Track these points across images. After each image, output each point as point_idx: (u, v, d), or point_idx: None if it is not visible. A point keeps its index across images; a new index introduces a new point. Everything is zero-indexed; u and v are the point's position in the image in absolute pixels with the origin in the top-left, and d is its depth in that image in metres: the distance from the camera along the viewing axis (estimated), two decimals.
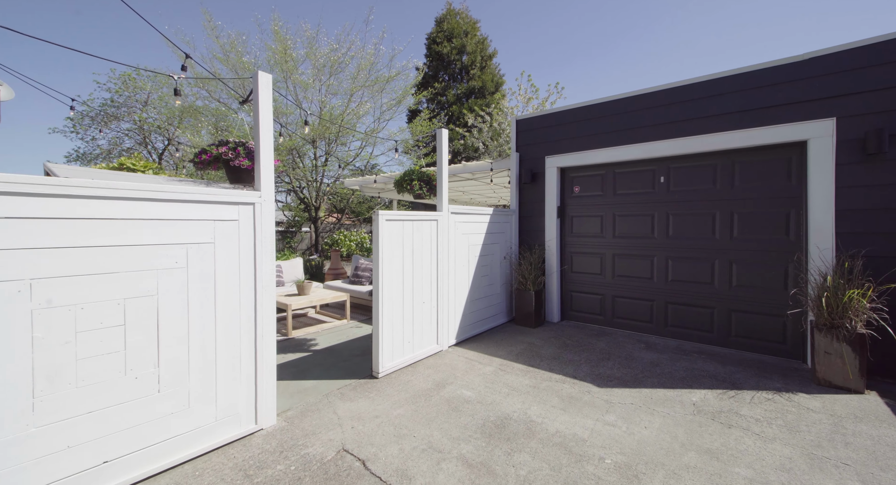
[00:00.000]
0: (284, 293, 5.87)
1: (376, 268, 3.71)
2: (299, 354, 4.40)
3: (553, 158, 5.56)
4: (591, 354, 4.21)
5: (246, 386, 2.68)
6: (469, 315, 4.88)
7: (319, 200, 15.10)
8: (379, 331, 3.70)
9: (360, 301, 6.39)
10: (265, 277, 2.77)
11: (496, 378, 3.61)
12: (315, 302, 5.48)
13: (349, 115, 13.43)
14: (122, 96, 18.59)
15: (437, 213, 4.36)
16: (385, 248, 3.76)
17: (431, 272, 4.30)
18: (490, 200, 13.39)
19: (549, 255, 5.58)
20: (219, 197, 2.53)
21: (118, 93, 18.18)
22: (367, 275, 6.73)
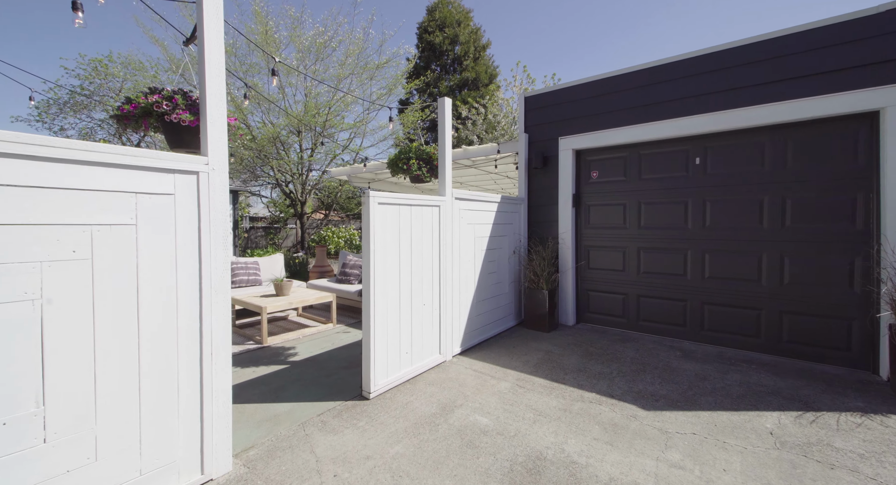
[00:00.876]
0: (260, 294, 5.11)
1: (367, 262, 2.99)
2: (274, 367, 3.66)
3: (567, 140, 4.90)
4: (623, 365, 3.56)
5: (187, 422, 1.95)
6: (475, 319, 4.20)
7: (305, 194, 14.26)
8: (371, 340, 2.99)
9: (349, 302, 5.66)
10: (216, 273, 2.04)
11: (516, 398, 2.93)
12: (296, 304, 4.73)
13: (336, 104, 12.63)
14: (94, 84, 17.39)
15: (440, 198, 3.66)
16: (378, 237, 3.05)
17: (433, 268, 3.60)
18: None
19: (563, 249, 4.92)
20: (142, 160, 1.79)
21: (88, 80, 16.99)
22: (356, 273, 6.00)
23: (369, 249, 2.98)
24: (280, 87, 11.82)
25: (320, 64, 12.59)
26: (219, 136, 2.06)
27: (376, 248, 3.03)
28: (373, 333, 3.00)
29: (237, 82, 11.46)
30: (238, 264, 5.77)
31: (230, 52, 10.91)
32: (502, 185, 9.00)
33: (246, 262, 5.90)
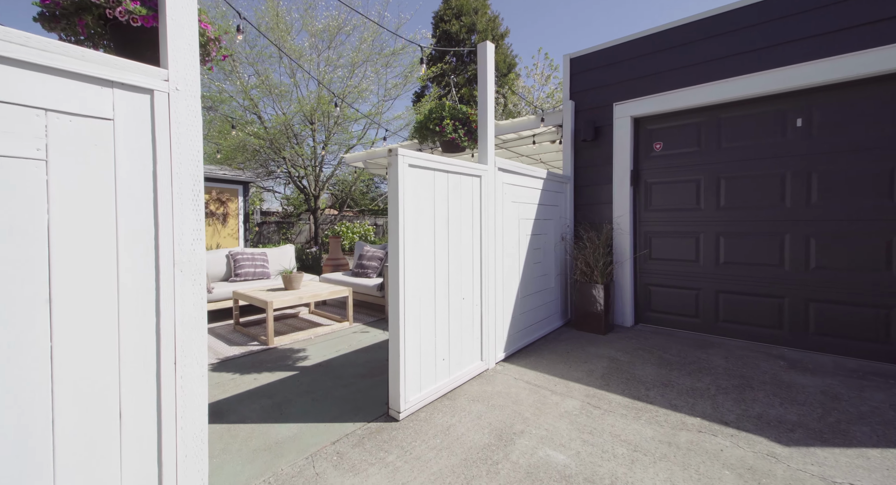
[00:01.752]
0: (267, 287, 4.48)
1: (396, 243, 2.30)
2: (279, 374, 3.01)
3: (625, 105, 4.13)
4: (717, 379, 2.78)
5: (134, 472, 1.29)
6: (520, 318, 3.47)
7: (319, 188, 13.73)
8: (400, 344, 2.30)
9: (367, 298, 5.00)
10: (182, 246, 1.37)
11: (593, 423, 2.19)
12: (306, 299, 4.08)
13: (351, 92, 12.03)
14: None
15: (480, 166, 2.95)
16: (409, 212, 2.36)
17: (473, 254, 2.89)
18: None
19: (619, 236, 4.15)
20: (57, 58, 1.12)
21: None
22: (373, 265, 5.33)
23: (398, 227, 2.28)
24: (291, 75, 11.27)
25: (333, 51, 12.03)
26: (186, 42, 1.39)
27: (406, 224, 2.33)
28: (402, 335, 2.30)
29: (248, 69, 10.97)
30: (244, 255, 5.17)
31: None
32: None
33: (252, 252, 5.30)
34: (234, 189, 10.14)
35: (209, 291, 4.45)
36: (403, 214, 2.31)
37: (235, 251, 5.19)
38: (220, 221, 9.81)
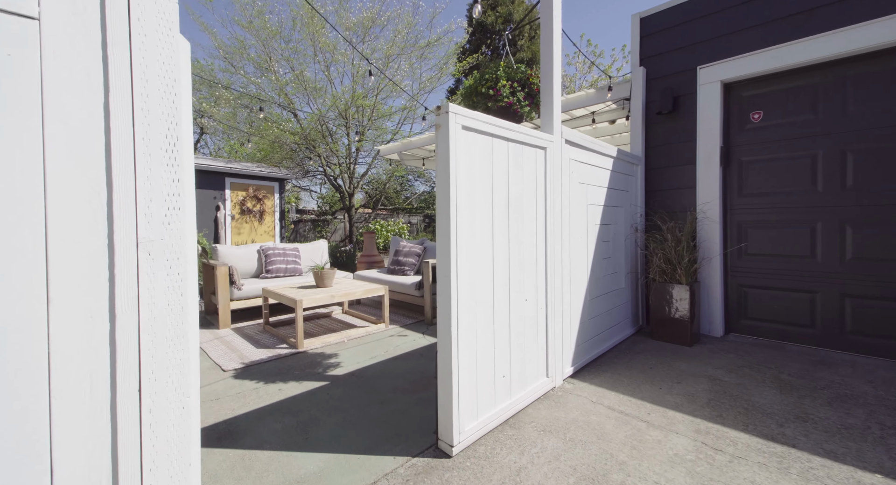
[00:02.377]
0: (297, 285, 4.14)
1: (447, 231, 1.80)
2: (307, 384, 2.59)
3: (713, 68, 3.41)
4: (875, 412, 2.06)
5: None
6: (588, 324, 2.87)
7: (353, 186, 13.60)
8: (453, 356, 1.79)
9: (404, 297, 4.55)
10: (153, 218, 0.93)
11: (722, 477, 1.58)
12: (339, 297, 3.68)
13: (385, 86, 11.74)
14: None
15: (545, 136, 2.39)
16: (462, 188, 1.85)
17: (538, 245, 2.34)
18: None
19: (706, 227, 3.44)
20: None
21: None
22: (411, 262, 4.88)
23: (449, 209, 1.78)
24: (325, 69, 11.12)
25: (367, 45, 11.78)
26: None
27: (460, 206, 1.82)
28: (455, 345, 1.80)
29: (283, 66, 10.93)
30: (275, 250, 4.88)
31: (276, 32, 10.35)
32: None
33: (284, 248, 5.00)
34: (270, 186, 10.10)
35: (238, 287, 4.17)
36: (455, 192, 1.80)
37: (267, 246, 4.91)
38: (256, 218, 9.78)
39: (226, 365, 3.00)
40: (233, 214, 9.31)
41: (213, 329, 4.06)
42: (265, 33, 10.33)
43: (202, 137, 19.95)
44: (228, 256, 4.60)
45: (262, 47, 10.70)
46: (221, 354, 3.26)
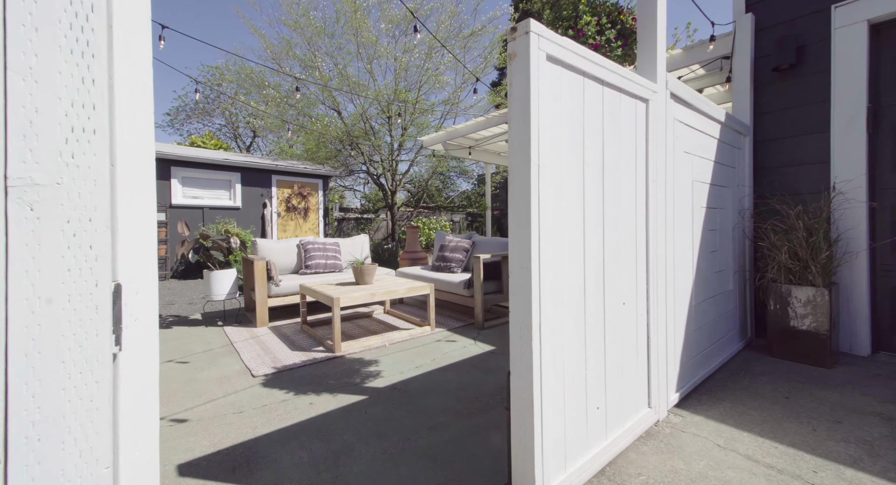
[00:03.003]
0: (336, 282, 3.79)
1: (525, 204, 1.27)
2: (342, 399, 2.18)
3: (854, 6, 2.60)
4: None
5: None
6: (694, 337, 2.21)
7: (395, 184, 13.42)
8: (534, 380, 1.26)
9: (451, 297, 4.08)
10: (39, 153, 0.50)
11: None
12: (380, 296, 3.27)
13: (428, 80, 11.39)
14: (214, 91, 18.93)
15: (647, 83, 1.78)
16: (545, 144, 1.31)
17: (637, 230, 1.75)
18: None
19: (847, 213, 2.64)
20: None
21: (209, 86, 18.53)
22: (458, 257, 4.40)
23: (528, 172, 1.25)
24: (368, 62, 10.96)
25: (410, 38, 11.49)
26: None
27: (542, 168, 1.29)
28: (537, 365, 1.27)
29: (327, 62, 10.90)
30: (315, 245, 4.60)
31: (320, 28, 10.33)
32: None
33: (324, 242, 4.71)
34: (314, 183, 10.08)
35: (276, 283, 3.90)
36: (537, 152, 1.27)
37: (306, 241, 4.64)
38: (301, 215, 9.79)
39: (256, 369, 2.67)
40: (279, 211, 9.37)
41: (250, 327, 3.82)
42: (310, 30, 10.34)
43: (255, 141, 20.88)
44: (267, 250, 4.37)
45: (308, 46, 10.76)
46: (254, 356, 2.96)
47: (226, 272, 3.95)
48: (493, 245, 4.29)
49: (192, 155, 8.02)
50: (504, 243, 4.21)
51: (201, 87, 17.93)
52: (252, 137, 21.03)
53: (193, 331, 3.72)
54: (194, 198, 8.22)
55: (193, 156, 8.00)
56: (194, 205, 8.13)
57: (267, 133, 19.16)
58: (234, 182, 8.72)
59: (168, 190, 7.79)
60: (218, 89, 17.99)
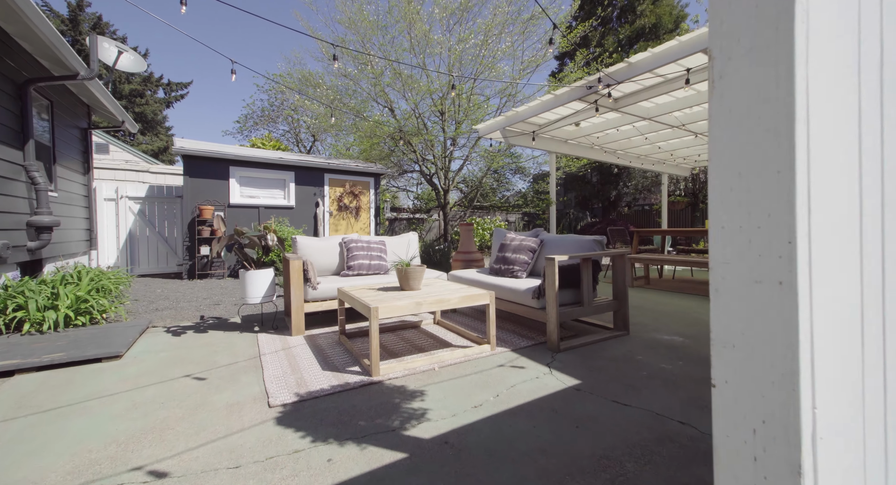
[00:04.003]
0: (378, 286, 3.22)
1: (791, 178, 0.52)
2: (371, 459, 1.54)
3: None
4: None
5: None
6: None
7: (448, 182, 12.88)
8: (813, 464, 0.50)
9: (515, 308, 3.33)
10: None
11: None
12: (427, 306, 2.62)
13: (483, 69, 10.68)
14: (278, 99, 19.81)
15: None
16: (822, 71, 0.54)
17: None
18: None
19: None
20: None
21: (273, 94, 19.41)
22: (523, 259, 3.63)
23: (794, 124, 0.49)
24: (421, 56, 10.51)
25: (465, 27, 10.88)
26: None
27: (816, 116, 0.52)
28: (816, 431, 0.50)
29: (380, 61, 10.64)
30: (358, 243, 4.09)
31: (374, 22, 10.07)
32: None
33: (368, 240, 4.20)
34: (365, 182, 9.82)
35: (314, 286, 3.43)
36: (806, 84, 0.50)
37: (349, 239, 4.16)
38: (353, 214, 9.57)
39: (275, 396, 2.15)
40: (330, 210, 9.22)
41: (284, 335, 3.37)
42: (364, 26, 10.13)
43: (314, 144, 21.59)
44: (307, 249, 3.94)
45: (361, 43, 10.58)
46: (278, 376, 2.45)
47: (261, 272, 3.55)
48: (567, 245, 3.47)
49: (248, 154, 8.07)
50: (579, 243, 3.37)
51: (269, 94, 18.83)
52: (312, 141, 21.73)
53: (227, 337, 3.36)
54: (251, 197, 8.27)
55: (250, 155, 8.04)
56: (251, 204, 8.17)
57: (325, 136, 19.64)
58: (289, 181, 8.67)
59: (227, 189, 7.89)
60: (281, 96, 18.82)
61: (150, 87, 25.91)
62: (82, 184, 6.56)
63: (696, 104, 4.78)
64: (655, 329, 3.38)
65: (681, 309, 4.17)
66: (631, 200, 19.07)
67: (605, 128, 5.85)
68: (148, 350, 3.03)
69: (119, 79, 24.57)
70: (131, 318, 4.11)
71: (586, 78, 4.24)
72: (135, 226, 8.10)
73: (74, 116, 6.18)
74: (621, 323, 3.25)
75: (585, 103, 4.89)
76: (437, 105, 11.03)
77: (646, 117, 5.20)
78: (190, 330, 3.63)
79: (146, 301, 5.10)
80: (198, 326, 3.82)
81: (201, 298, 5.31)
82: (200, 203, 7.52)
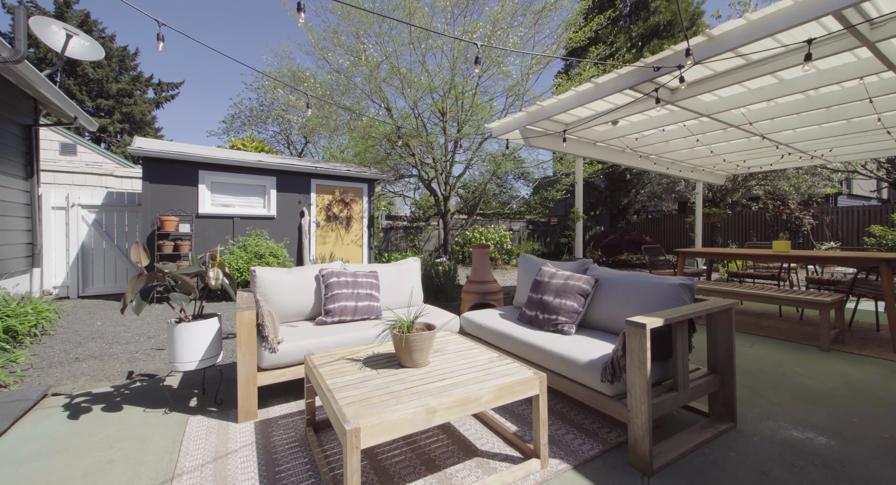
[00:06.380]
0: (364, 352, 2.15)
1: None
2: None
3: None
4: None
5: None
6: None
7: (449, 188, 11.84)
8: None
9: (568, 386, 2.27)
10: None
11: None
12: (446, 410, 1.56)
13: (491, 63, 9.67)
14: (268, 98, 18.69)
15: None
16: None
17: None
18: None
19: None
20: None
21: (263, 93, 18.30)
22: (571, 307, 2.57)
23: None
24: (422, 47, 9.49)
25: (471, 18, 9.89)
26: None
27: None
28: None
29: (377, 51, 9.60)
30: (340, 279, 3.01)
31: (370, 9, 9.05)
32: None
33: (354, 272, 3.13)
34: (358, 188, 8.76)
35: (272, 348, 2.36)
36: None
37: (329, 270, 3.08)
38: (343, 225, 8.49)
39: None
40: (318, 220, 8.14)
41: (227, 420, 2.30)
42: (358, 16, 9.11)
43: (306, 147, 20.47)
44: (270, 286, 2.87)
45: (356, 35, 9.54)
46: None
47: (199, 326, 2.47)
48: (637, 290, 2.42)
49: (222, 157, 6.97)
50: (657, 288, 2.33)
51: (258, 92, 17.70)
52: (304, 143, 20.62)
53: (146, 421, 2.29)
54: (224, 206, 7.17)
55: (223, 158, 6.95)
56: (224, 214, 7.07)
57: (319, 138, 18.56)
58: (269, 188, 7.59)
59: (196, 197, 6.79)
60: (271, 95, 17.70)
61: (139, 86, 24.80)
62: (23, 190, 5.44)
63: (779, 97, 3.76)
64: (767, 413, 2.33)
65: (772, 365, 3.13)
66: (640, 208, 18.12)
67: (646, 128, 4.84)
68: (9, 455, 1.95)
69: (107, 78, 23.42)
70: (30, 378, 3.00)
71: (643, 60, 3.21)
72: (89, 238, 6.97)
73: (13, 111, 5.09)
74: (723, 408, 2.20)
75: (633, 95, 3.87)
76: (437, 104, 10.01)
77: (703, 114, 4.18)
78: (101, 404, 2.55)
79: (72, 343, 3.98)
80: (117, 392, 2.73)
81: (144, 337, 4.21)
82: (162, 213, 6.41)
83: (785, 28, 2.52)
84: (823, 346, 3.41)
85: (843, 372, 2.94)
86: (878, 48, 2.73)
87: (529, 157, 15.54)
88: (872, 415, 2.28)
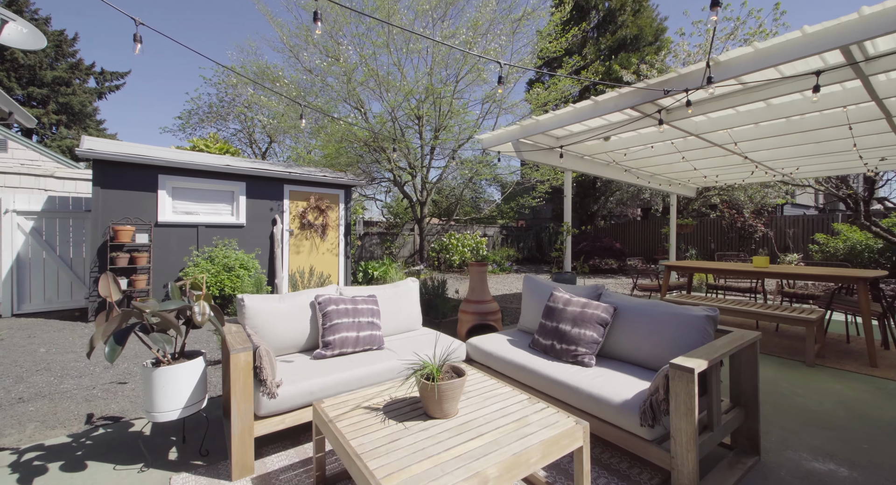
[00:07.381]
0: (379, 396, 1.94)
1: None
2: None
3: None
4: None
5: None
6: None
7: (426, 194, 11.66)
8: None
9: (599, 427, 2.17)
10: None
11: None
12: (496, 481, 1.40)
13: (471, 69, 9.58)
14: (229, 94, 17.57)
15: None
16: None
17: None
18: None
19: None
20: None
21: (223, 89, 17.18)
22: (591, 338, 2.49)
23: None
24: (402, 48, 9.25)
25: (449, 23, 9.77)
26: None
27: None
28: None
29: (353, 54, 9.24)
30: (339, 306, 2.76)
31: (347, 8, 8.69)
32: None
33: (353, 297, 2.89)
34: (334, 195, 8.37)
35: (270, 393, 2.08)
36: None
37: (325, 297, 2.82)
38: (318, 233, 8.08)
39: None
40: (291, 228, 7.68)
41: (218, 479, 2.00)
42: (333, 13, 8.72)
43: (270, 146, 19.47)
44: (260, 316, 2.57)
45: (330, 34, 9.13)
46: None
47: (180, 369, 2.15)
48: (660, 321, 2.37)
49: (185, 160, 6.39)
50: (682, 320, 2.29)
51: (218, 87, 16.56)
52: (268, 142, 19.61)
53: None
54: (187, 213, 6.58)
55: (187, 161, 6.37)
56: (187, 222, 6.48)
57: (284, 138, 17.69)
58: (238, 194, 7.06)
59: (155, 203, 6.17)
60: (233, 91, 16.66)
61: (78, 74, 22.52)
62: None
63: (764, 120, 3.92)
64: (784, 442, 2.35)
65: (767, 384, 3.21)
66: (606, 213, 18.78)
67: (635, 144, 4.92)
68: None
69: (40, 64, 21.13)
70: None
71: (645, 81, 3.21)
72: (26, 249, 6.16)
73: None
74: (746, 441, 2.19)
75: (632, 114, 3.90)
76: (413, 109, 9.80)
77: (692, 133, 4.29)
78: (58, 460, 2.16)
79: (11, 377, 3.43)
80: (77, 443, 2.34)
81: (101, 367, 3.71)
82: (116, 221, 5.77)
83: (791, 59, 2.58)
84: (809, 361, 3.57)
85: (836, 390, 3.07)
86: (869, 81, 2.89)
87: (503, 162, 15.64)
88: (879, 440, 2.36)
